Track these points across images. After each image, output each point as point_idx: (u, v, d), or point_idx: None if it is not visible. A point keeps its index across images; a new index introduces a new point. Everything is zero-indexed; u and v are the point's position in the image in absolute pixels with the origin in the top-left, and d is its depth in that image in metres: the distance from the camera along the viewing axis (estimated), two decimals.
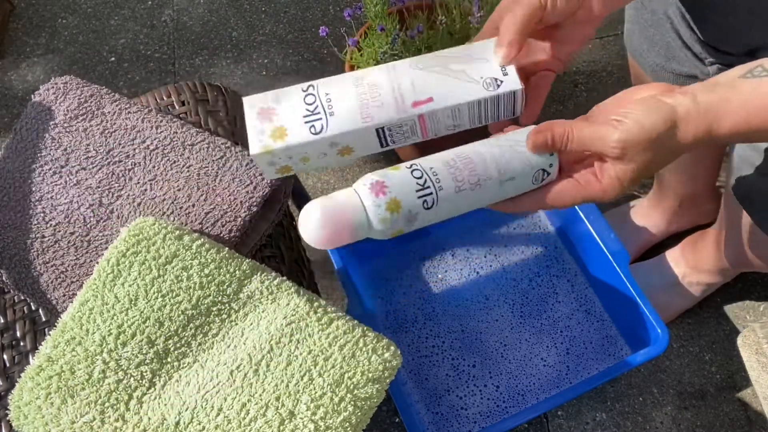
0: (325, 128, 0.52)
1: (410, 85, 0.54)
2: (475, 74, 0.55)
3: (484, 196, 0.52)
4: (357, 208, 0.48)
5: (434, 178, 0.50)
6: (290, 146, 0.52)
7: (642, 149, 0.48)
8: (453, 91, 0.54)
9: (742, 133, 0.48)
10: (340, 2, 1.48)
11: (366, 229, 0.48)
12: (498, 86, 0.54)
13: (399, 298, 1.01)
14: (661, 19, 0.76)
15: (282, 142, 0.52)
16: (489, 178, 0.51)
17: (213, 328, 0.60)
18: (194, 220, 0.65)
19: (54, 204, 0.67)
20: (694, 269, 1.01)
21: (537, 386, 0.94)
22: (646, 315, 0.85)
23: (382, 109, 0.53)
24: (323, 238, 0.47)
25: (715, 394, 1.02)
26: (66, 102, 0.71)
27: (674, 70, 0.79)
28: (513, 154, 0.52)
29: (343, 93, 0.54)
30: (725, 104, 0.48)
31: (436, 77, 0.55)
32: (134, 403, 0.57)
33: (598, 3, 0.55)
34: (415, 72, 0.55)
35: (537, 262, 1.02)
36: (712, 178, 1.04)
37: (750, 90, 0.48)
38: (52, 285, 0.65)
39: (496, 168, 0.51)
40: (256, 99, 0.54)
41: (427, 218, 0.50)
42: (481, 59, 0.55)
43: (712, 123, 0.48)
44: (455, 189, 0.50)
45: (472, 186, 0.51)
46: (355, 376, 0.57)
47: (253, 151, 0.52)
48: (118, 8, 1.51)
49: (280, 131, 0.52)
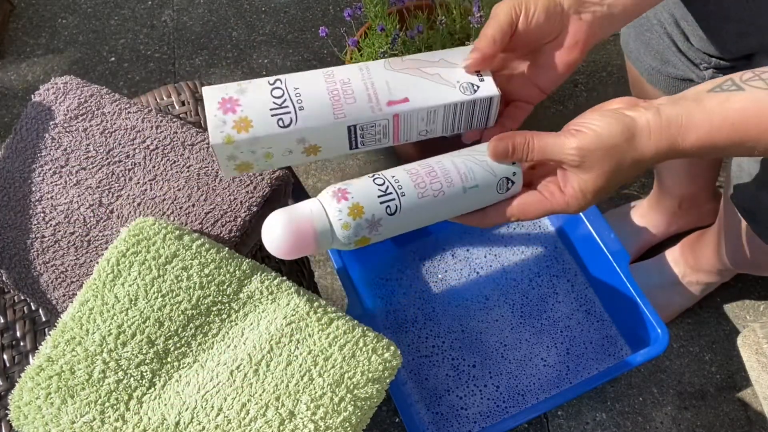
0: (294, 122, 0.50)
1: (385, 84, 0.53)
2: (452, 78, 0.54)
3: (448, 204, 0.52)
4: (320, 215, 0.48)
5: (396, 185, 0.50)
6: (255, 138, 0.49)
7: (599, 157, 0.49)
8: (429, 92, 0.53)
9: (707, 147, 0.48)
10: (340, 2, 1.48)
11: (330, 237, 0.48)
12: (475, 91, 0.54)
13: (399, 298, 1.01)
14: (654, 25, 0.76)
15: (246, 134, 0.49)
16: (451, 185, 0.51)
17: (213, 328, 0.60)
18: (194, 220, 0.65)
19: (54, 204, 0.67)
20: (694, 269, 1.01)
21: (537, 386, 0.94)
22: (646, 315, 0.85)
23: (354, 106, 0.52)
24: (287, 248, 0.47)
25: (715, 394, 1.02)
26: (66, 102, 0.71)
27: (670, 73, 0.79)
28: (476, 163, 0.52)
29: (314, 88, 0.52)
30: (688, 118, 0.48)
31: (411, 79, 0.54)
32: (134, 403, 0.57)
33: (585, 27, 0.55)
34: (389, 73, 0.54)
35: (537, 262, 1.02)
36: (711, 179, 1.04)
37: (715, 104, 0.48)
38: (52, 285, 0.65)
39: (458, 175, 0.52)
40: (217, 89, 0.52)
41: (392, 226, 0.50)
42: (456, 65, 0.55)
43: (675, 136, 0.48)
44: (418, 195, 0.50)
45: (435, 193, 0.51)
46: (355, 376, 0.57)
47: (214, 140, 0.49)
48: (118, 8, 1.51)
49: (245, 122, 0.50)
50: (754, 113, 0.47)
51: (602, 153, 0.49)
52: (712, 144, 0.48)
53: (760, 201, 0.69)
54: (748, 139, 0.47)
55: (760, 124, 0.47)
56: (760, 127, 0.47)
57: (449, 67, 0.55)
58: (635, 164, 0.49)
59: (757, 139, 0.47)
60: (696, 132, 0.48)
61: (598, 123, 0.49)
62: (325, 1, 1.48)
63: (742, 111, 0.47)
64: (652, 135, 0.48)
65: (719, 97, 0.48)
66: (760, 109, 0.47)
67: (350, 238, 0.48)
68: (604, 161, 0.49)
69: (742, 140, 0.48)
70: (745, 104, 0.47)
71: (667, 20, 0.74)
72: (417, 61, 0.55)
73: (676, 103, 0.49)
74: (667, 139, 0.48)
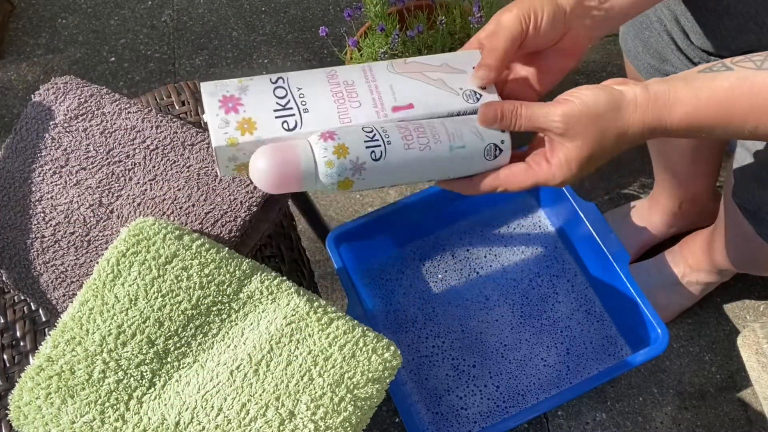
0: (299, 125, 0.50)
1: (389, 88, 0.52)
2: (455, 85, 0.54)
3: (434, 162, 0.52)
4: (305, 151, 0.48)
5: (383, 134, 0.50)
6: (260, 141, 0.48)
7: (583, 125, 0.49)
8: (433, 99, 0.53)
9: (694, 125, 0.48)
10: (340, 2, 1.48)
11: (314, 173, 0.48)
12: (477, 99, 0.54)
13: (399, 298, 1.01)
14: (654, 22, 0.76)
15: (251, 137, 0.48)
16: (438, 141, 0.51)
17: (213, 328, 0.60)
18: (194, 220, 0.65)
19: (54, 204, 0.67)
20: (694, 269, 1.01)
21: (537, 386, 0.94)
22: (646, 315, 0.85)
23: (360, 111, 0.51)
24: (272, 181, 0.48)
25: (715, 394, 1.02)
26: (66, 102, 0.71)
27: (667, 72, 0.79)
28: (465, 126, 0.53)
29: (318, 90, 0.51)
30: (675, 93, 0.48)
31: (415, 84, 0.53)
32: (134, 403, 0.57)
33: (584, 31, 0.55)
34: (393, 76, 0.53)
35: (537, 262, 1.02)
36: (711, 179, 1.04)
37: (703, 82, 0.48)
38: (52, 285, 0.65)
39: (446, 134, 0.51)
40: (217, 86, 0.51)
41: (376, 172, 0.50)
42: (460, 71, 0.54)
43: (662, 110, 0.48)
44: (404, 146, 0.50)
45: (421, 146, 0.51)
46: (355, 376, 0.57)
47: (217, 142, 0.48)
48: (118, 8, 1.51)
49: (249, 124, 0.49)
50: (742, 92, 0.47)
51: (587, 121, 0.49)
52: (698, 121, 0.48)
53: (763, 201, 0.69)
54: (735, 118, 0.47)
55: (747, 102, 0.47)
56: (748, 105, 0.47)
57: (452, 73, 0.54)
58: (620, 136, 0.50)
59: (745, 118, 0.47)
60: (683, 108, 0.48)
61: (585, 93, 0.49)
62: (325, 1, 1.48)
63: (729, 89, 0.47)
64: (639, 108, 0.49)
65: (708, 76, 0.48)
66: (747, 87, 0.47)
67: (333, 177, 0.48)
68: (588, 129, 0.49)
69: (729, 119, 0.47)
70: (733, 83, 0.47)
71: (666, 17, 0.74)
72: (420, 65, 0.54)
73: (666, 81, 0.49)
74: (653, 113, 0.48)
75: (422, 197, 0.95)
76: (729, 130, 0.49)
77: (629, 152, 1.23)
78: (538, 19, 0.53)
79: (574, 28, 0.54)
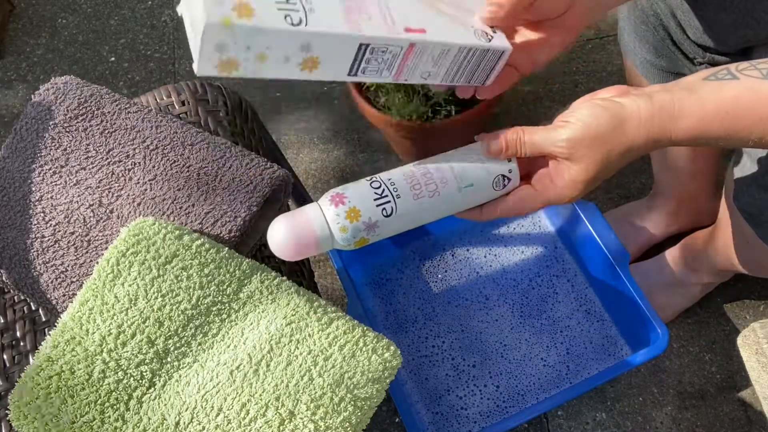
0: (304, 22, 0.43)
1: (401, 9, 0.49)
2: (467, 22, 0.52)
3: (444, 204, 0.53)
4: (319, 220, 0.50)
5: (392, 188, 0.51)
6: (258, 29, 0.42)
7: (587, 147, 0.49)
8: (446, 29, 0.50)
9: (700, 136, 0.48)
10: None
11: (330, 240, 0.51)
12: (489, 40, 0.52)
13: (399, 298, 1.01)
14: (650, 17, 0.76)
15: (248, 21, 0.41)
16: (446, 184, 0.52)
17: (213, 328, 0.60)
18: (194, 220, 0.65)
19: (54, 204, 0.67)
20: (694, 269, 1.01)
21: (537, 386, 0.94)
22: (646, 315, 0.85)
23: (370, 23, 0.46)
24: (290, 251, 0.50)
25: (715, 394, 1.02)
26: (66, 102, 0.71)
27: (663, 67, 0.79)
28: (470, 162, 0.53)
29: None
30: (680, 105, 0.47)
31: (428, 11, 0.51)
32: (134, 403, 0.57)
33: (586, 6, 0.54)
34: (408, 5, 0.50)
35: (537, 262, 1.02)
36: (711, 178, 1.04)
37: (708, 92, 0.47)
38: (52, 285, 0.65)
39: (452, 175, 0.52)
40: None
41: (389, 227, 0.52)
42: (471, 11, 0.53)
43: (666, 123, 0.48)
44: (413, 196, 0.51)
45: (430, 193, 0.52)
46: (355, 376, 0.57)
47: (210, 18, 0.40)
48: (118, 8, 1.51)
49: (246, 9, 0.41)
50: (748, 102, 0.46)
51: (590, 142, 0.49)
52: (705, 132, 0.48)
53: (764, 205, 0.69)
54: (742, 128, 0.47)
55: (754, 113, 0.46)
56: (754, 116, 0.46)
57: (464, 12, 0.53)
58: (626, 152, 0.49)
59: (751, 128, 0.47)
60: (688, 120, 0.47)
61: (585, 113, 0.49)
62: None
63: (735, 100, 0.47)
64: (643, 122, 0.48)
65: (713, 85, 0.48)
66: (754, 98, 0.46)
67: (349, 240, 0.51)
68: (594, 151, 0.49)
69: (735, 129, 0.47)
70: (739, 93, 0.47)
71: (663, 11, 0.74)
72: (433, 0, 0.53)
73: (669, 90, 0.49)
74: (658, 126, 0.48)
75: None
76: (734, 140, 0.48)
77: None
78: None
79: (577, 4, 0.54)
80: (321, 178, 1.25)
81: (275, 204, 0.70)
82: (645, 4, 0.76)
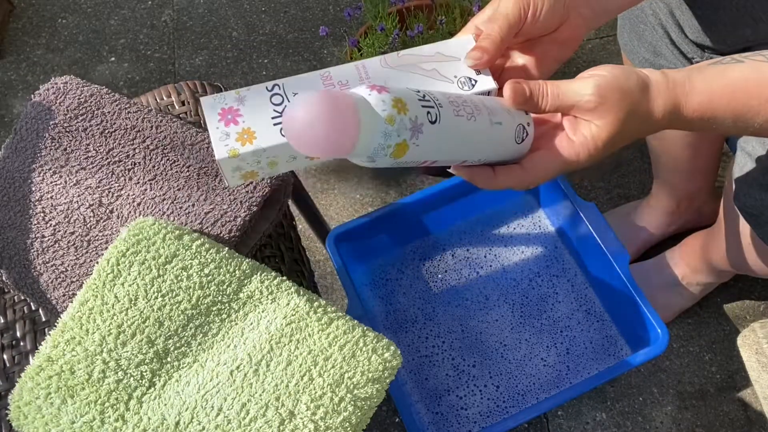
0: None
1: (383, 84, 0.52)
2: (449, 73, 0.54)
3: (478, 134, 0.49)
4: (361, 100, 0.40)
5: (433, 97, 0.46)
6: (259, 150, 0.49)
7: (617, 100, 0.47)
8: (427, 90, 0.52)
9: (707, 115, 0.48)
10: (340, 2, 1.48)
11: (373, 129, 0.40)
12: (473, 86, 0.53)
13: (399, 298, 1.01)
14: (649, 16, 0.76)
15: (251, 146, 0.49)
16: (480, 113, 0.49)
17: (213, 328, 0.60)
18: (194, 220, 0.65)
19: (54, 204, 0.67)
20: (694, 269, 1.01)
21: (537, 386, 0.94)
22: (646, 315, 0.85)
23: None
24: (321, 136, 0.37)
25: (715, 394, 1.02)
26: (66, 102, 0.71)
27: (662, 66, 0.79)
28: (497, 104, 0.51)
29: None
30: (691, 83, 0.48)
31: (409, 76, 0.53)
32: (134, 403, 0.57)
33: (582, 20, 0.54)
34: (386, 71, 0.53)
35: (537, 262, 1.02)
36: (711, 177, 1.04)
37: (715, 73, 0.48)
38: (52, 285, 0.65)
39: (485, 107, 0.49)
40: (216, 99, 0.52)
41: (430, 138, 0.44)
42: (454, 59, 0.54)
43: (679, 97, 0.48)
44: (453, 112, 0.46)
45: (468, 115, 0.47)
46: (355, 376, 0.57)
47: (219, 155, 0.49)
48: (118, 8, 1.51)
49: (248, 134, 0.50)
50: (755, 82, 0.47)
51: (620, 96, 0.47)
52: (712, 111, 0.48)
53: (765, 206, 0.69)
54: (749, 109, 0.47)
55: (760, 92, 0.47)
56: (761, 96, 0.47)
57: (446, 62, 0.54)
58: (645, 119, 0.48)
59: (758, 109, 0.47)
60: (698, 97, 0.48)
61: (613, 69, 0.48)
62: (325, 1, 1.48)
63: (742, 79, 0.47)
64: (661, 93, 0.48)
65: (718, 67, 0.48)
66: (760, 78, 0.47)
67: (392, 137, 0.41)
68: (621, 105, 0.47)
69: (742, 110, 0.47)
70: (746, 73, 0.47)
71: (662, 10, 0.74)
72: (413, 57, 0.54)
73: (681, 69, 0.49)
74: (672, 99, 0.48)
75: (422, 197, 0.95)
76: (741, 122, 0.48)
77: (629, 152, 1.23)
78: (537, 8, 0.52)
79: (572, 18, 0.54)
80: (321, 178, 1.25)
81: (275, 204, 0.70)
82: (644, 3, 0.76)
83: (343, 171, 1.26)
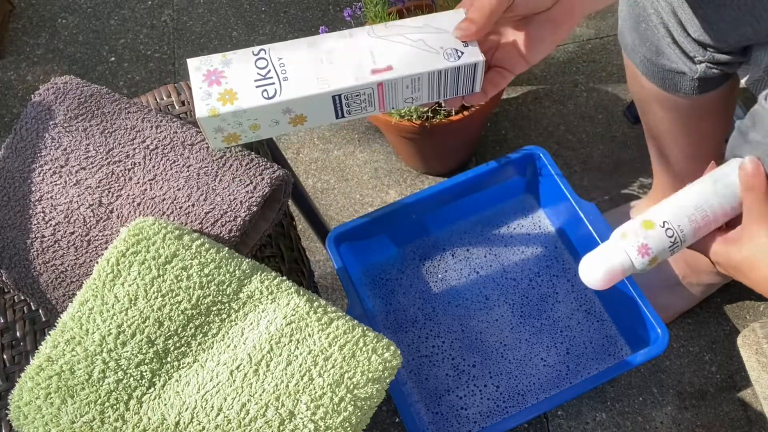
0: (278, 93, 0.51)
1: (369, 52, 0.53)
2: (436, 44, 0.54)
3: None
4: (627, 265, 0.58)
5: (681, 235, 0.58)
6: (240, 110, 0.50)
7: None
8: (413, 60, 0.53)
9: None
10: (340, 2, 1.48)
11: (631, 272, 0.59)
12: (459, 57, 0.53)
13: (399, 298, 1.01)
14: (650, 15, 0.76)
15: (231, 106, 0.50)
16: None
17: (213, 328, 0.60)
18: (194, 220, 0.65)
19: (54, 204, 0.67)
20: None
21: (537, 386, 0.94)
22: (646, 315, 0.85)
23: (339, 75, 0.52)
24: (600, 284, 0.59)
25: (715, 394, 1.02)
26: (66, 102, 0.71)
27: (663, 65, 0.79)
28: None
29: (298, 58, 0.52)
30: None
31: (395, 46, 0.53)
32: (134, 403, 0.57)
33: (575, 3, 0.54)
34: (373, 40, 0.53)
35: (537, 262, 1.02)
36: None
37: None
38: (52, 285, 0.65)
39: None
40: (202, 61, 0.52)
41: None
42: (442, 30, 0.54)
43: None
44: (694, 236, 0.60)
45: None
46: (355, 376, 0.57)
47: (200, 113, 0.50)
48: (118, 8, 1.51)
49: (230, 95, 0.50)
50: None
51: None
52: None
53: None
54: None
55: None
56: None
57: (433, 33, 0.54)
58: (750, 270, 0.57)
59: None
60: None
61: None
62: (325, 1, 1.48)
63: None
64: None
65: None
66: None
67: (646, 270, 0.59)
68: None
69: None
70: None
71: (664, 9, 0.74)
72: (401, 27, 0.54)
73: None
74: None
75: (422, 197, 0.95)
76: None
77: (629, 152, 1.23)
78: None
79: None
80: (321, 178, 1.25)
81: (275, 204, 0.70)
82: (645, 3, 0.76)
83: (343, 171, 1.26)
